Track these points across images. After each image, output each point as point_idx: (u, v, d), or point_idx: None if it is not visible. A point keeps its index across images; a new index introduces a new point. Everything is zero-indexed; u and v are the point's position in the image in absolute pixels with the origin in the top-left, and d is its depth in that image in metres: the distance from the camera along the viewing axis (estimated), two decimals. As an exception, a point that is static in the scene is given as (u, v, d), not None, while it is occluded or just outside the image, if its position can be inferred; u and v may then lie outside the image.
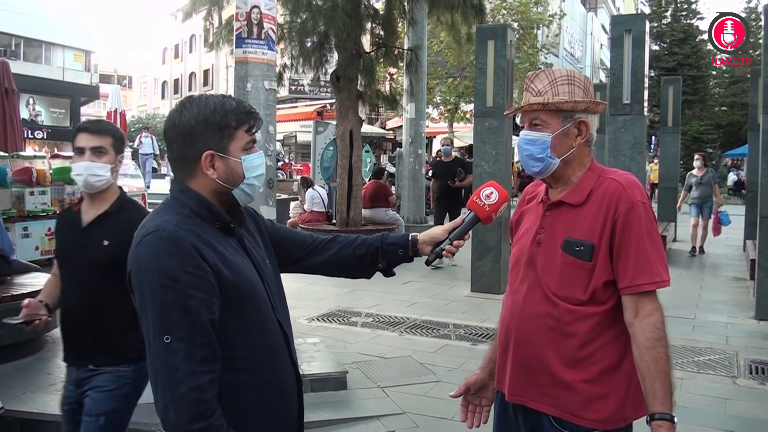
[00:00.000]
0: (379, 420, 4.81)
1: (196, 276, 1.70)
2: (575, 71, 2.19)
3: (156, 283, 1.68)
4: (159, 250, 1.70)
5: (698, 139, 40.58)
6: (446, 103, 27.24)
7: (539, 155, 2.12)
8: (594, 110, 2.15)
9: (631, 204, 2.03)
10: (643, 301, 2.02)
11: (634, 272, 2.01)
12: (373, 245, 2.20)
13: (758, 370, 5.94)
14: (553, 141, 2.11)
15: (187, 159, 1.84)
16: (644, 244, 2.02)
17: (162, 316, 1.68)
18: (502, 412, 2.29)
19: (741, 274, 10.65)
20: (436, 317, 7.60)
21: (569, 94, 2.10)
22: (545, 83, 2.12)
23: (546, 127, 2.12)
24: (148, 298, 1.70)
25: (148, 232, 1.74)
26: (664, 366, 1.98)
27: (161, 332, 1.67)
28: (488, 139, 9.12)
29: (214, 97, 1.87)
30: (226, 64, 47.12)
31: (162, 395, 1.67)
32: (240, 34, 5.34)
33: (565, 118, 2.11)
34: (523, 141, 2.17)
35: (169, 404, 1.65)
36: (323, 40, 11.92)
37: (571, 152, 2.13)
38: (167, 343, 1.66)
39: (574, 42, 45.77)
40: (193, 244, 1.72)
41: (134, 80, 69.92)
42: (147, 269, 1.70)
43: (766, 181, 7.74)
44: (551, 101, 2.10)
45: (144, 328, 1.72)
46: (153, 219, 1.81)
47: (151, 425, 4.48)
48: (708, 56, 51.55)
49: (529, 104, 2.13)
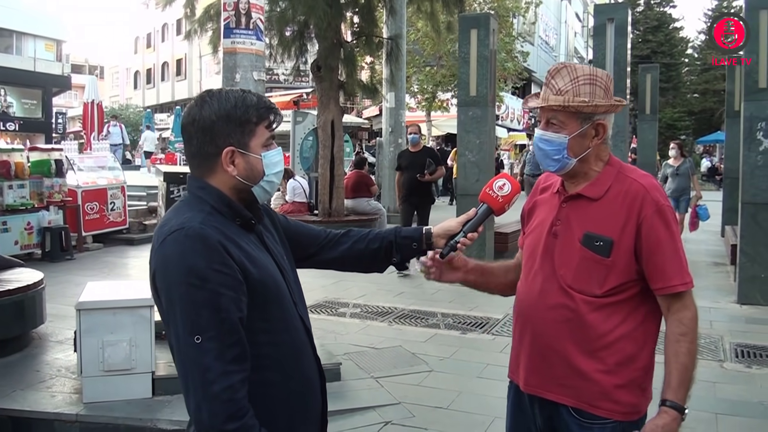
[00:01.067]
0: (375, 410, 4.81)
1: (224, 274, 1.67)
2: (598, 69, 2.14)
3: (184, 282, 1.65)
4: (186, 248, 1.67)
5: (672, 126, 41.03)
6: (423, 92, 27.20)
7: (556, 156, 2.11)
8: (614, 111, 2.14)
9: (657, 207, 2.04)
10: (674, 300, 2.06)
11: (668, 274, 2.04)
12: (387, 239, 2.19)
13: (744, 353, 6.04)
14: (570, 142, 2.09)
15: (207, 155, 1.81)
16: (675, 246, 2.06)
17: (192, 316, 1.65)
18: (517, 402, 2.28)
19: (720, 260, 10.79)
20: (424, 307, 7.62)
21: (590, 95, 2.06)
22: (566, 81, 2.08)
23: (563, 128, 2.09)
24: (177, 298, 1.67)
25: (172, 230, 1.70)
26: (684, 359, 2.02)
27: (192, 332, 1.64)
28: (472, 128, 9.14)
29: (234, 92, 1.83)
30: (200, 53, 46.62)
31: (194, 396, 1.64)
32: (228, 24, 5.28)
33: (584, 120, 2.09)
34: (539, 140, 2.15)
35: (202, 405, 1.63)
36: (303, 29, 11.84)
37: (587, 152, 2.12)
38: (198, 343, 1.63)
39: (549, 30, 45.92)
40: (219, 241, 1.69)
41: (106, 70, 68.97)
42: (174, 268, 1.67)
43: (747, 168, 7.84)
44: (571, 103, 2.06)
45: (171, 328, 1.70)
46: (174, 217, 1.77)
47: (146, 420, 4.46)
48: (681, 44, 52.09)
49: (549, 105, 2.09)
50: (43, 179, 10.27)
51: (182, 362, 1.68)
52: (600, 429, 2.07)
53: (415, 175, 9.76)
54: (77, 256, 10.70)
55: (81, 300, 4.70)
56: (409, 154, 10.25)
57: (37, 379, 5.10)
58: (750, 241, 7.82)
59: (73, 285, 8.24)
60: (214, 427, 1.62)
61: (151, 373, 4.78)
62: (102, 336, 4.61)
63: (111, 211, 11.77)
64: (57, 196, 10.45)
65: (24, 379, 5.09)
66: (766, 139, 7.71)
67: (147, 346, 4.74)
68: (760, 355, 5.98)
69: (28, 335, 5.89)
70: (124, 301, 4.78)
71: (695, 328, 2.06)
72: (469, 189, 9.07)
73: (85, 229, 11.29)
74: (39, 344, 5.90)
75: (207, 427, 1.64)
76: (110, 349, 4.62)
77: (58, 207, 10.49)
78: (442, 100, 27.76)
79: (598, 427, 2.07)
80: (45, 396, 4.77)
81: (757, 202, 7.78)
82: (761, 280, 7.73)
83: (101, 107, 18.10)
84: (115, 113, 30.33)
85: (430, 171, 9.79)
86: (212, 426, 1.62)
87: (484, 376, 5.43)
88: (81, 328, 4.60)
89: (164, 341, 5.36)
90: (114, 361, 4.63)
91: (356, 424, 4.59)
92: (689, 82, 52.28)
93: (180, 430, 4.40)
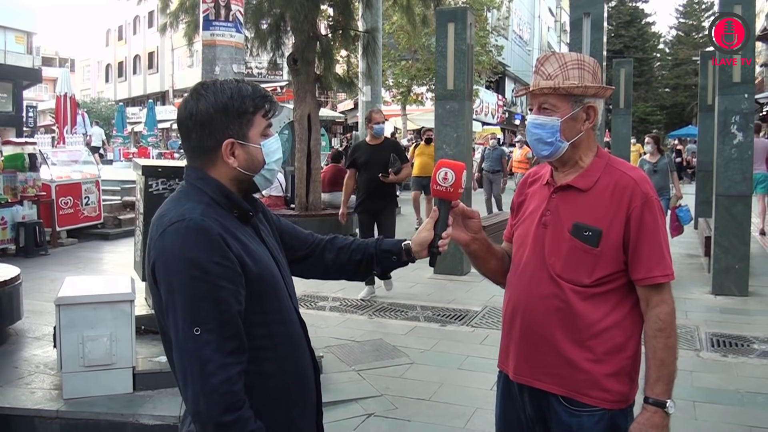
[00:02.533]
0: (358, 403, 4.83)
1: (224, 267, 1.68)
2: (584, 56, 2.20)
3: (185, 274, 1.65)
4: (186, 240, 1.67)
5: (644, 120, 41.49)
6: (399, 86, 27.22)
7: (549, 139, 2.15)
8: (602, 95, 2.18)
9: (645, 199, 2.08)
10: (653, 292, 2.09)
11: (649, 265, 2.07)
12: (368, 251, 2.19)
13: (719, 342, 6.14)
14: (562, 125, 2.13)
15: (206, 149, 1.81)
16: (659, 237, 2.10)
17: (192, 308, 1.65)
18: (506, 392, 2.31)
19: (694, 251, 10.94)
20: (403, 300, 7.64)
21: (579, 79, 2.12)
22: (555, 67, 2.14)
23: (555, 111, 2.14)
24: (177, 290, 1.67)
25: (173, 222, 1.70)
26: (662, 355, 2.06)
27: (191, 324, 1.64)
28: (449, 122, 9.16)
29: (229, 83, 1.83)
30: (172, 46, 46.23)
31: (192, 387, 1.65)
32: (207, 16, 5.24)
33: (575, 103, 2.14)
34: (532, 125, 2.19)
35: (200, 396, 1.64)
36: (279, 22, 11.77)
37: (579, 136, 2.16)
38: (197, 335, 1.64)
39: (522, 24, 46.15)
40: (220, 234, 1.70)
41: (77, 63, 68.11)
42: (175, 260, 1.67)
43: (721, 161, 7.95)
44: (562, 85, 2.11)
45: (170, 320, 1.70)
46: (173, 207, 1.76)
47: (127, 416, 4.43)
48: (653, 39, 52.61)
49: (540, 88, 2.14)
50: (16, 173, 10.13)
51: (180, 353, 1.68)
52: (589, 417, 2.10)
53: (377, 174, 7.70)
54: (51, 251, 10.58)
55: (60, 295, 4.65)
56: (368, 147, 7.99)
57: (16, 375, 5.04)
58: (724, 233, 7.95)
59: (48, 280, 8.16)
60: (211, 419, 1.63)
61: (132, 368, 4.75)
62: (82, 331, 4.57)
63: (85, 205, 11.64)
64: (31, 190, 10.31)
65: (2, 376, 5.03)
66: (740, 133, 7.83)
67: (127, 341, 4.70)
68: (736, 345, 6.09)
69: (5, 331, 5.82)
70: (104, 296, 4.74)
71: (672, 323, 2.09)
72: (447, 183, 9.08)
73: (60, 224, 11.16)
74: (16, 340, 5.83)
75: (204, 419, 1.64)
76: (90, 345, 4.58)
77: (32, 202, 10.36)
78: (417, 94, 27.81)
79: (587, 414, 2.10)
80: (24, 392, 4.72)
81: (731, 194, 7.90)
82: (735, 271, 7.86)
83: (74, 100, 17.86)
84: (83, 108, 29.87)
85: (395, 170, 7.76)
86: (210, 418, 1.63)
87: (464, 367, 5.46)
88: (61, 323, 4.55)
89: (145, 336, 5.35)
90: (94, 357, 4.59)
91: (339, 417, 4.60)
92: (661, 76, 52.95)
93: (162, 425, 4.39)
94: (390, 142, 8.34)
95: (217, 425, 1.63)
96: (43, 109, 49.22)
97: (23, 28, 34.85)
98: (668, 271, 2.09)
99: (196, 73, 5.68)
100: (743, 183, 7.90)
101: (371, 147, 7.94)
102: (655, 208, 2.10)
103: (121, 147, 31.60)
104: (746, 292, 7.84)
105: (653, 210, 2.09)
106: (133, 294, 4.79)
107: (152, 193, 5.91)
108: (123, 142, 32.84)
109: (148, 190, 5.95)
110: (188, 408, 1.68)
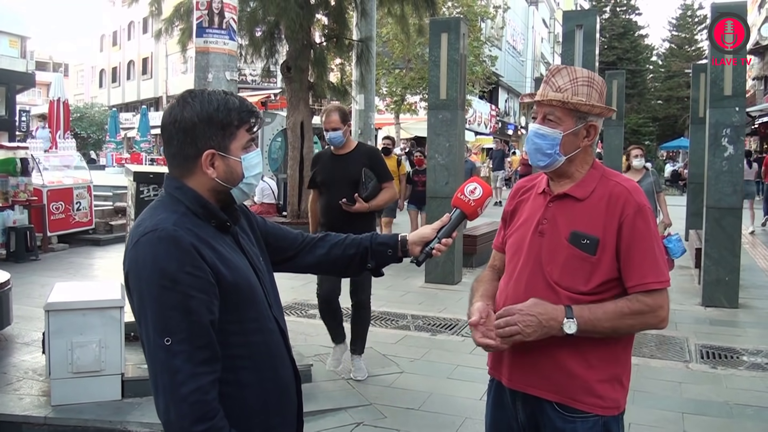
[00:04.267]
0: (347, 412, 4.81)
1: (196, 277, 1.67)
2: (594, 74, 2.23)
3: (156, 284, 1.65)
4: (158, 250, 1.67)
5: (637, 132, 41.69)
6: (392, 95, 27.28)
7: (548, 151, 2.18)
8: (605, 115, 2.22)
9: (638, 207, 2.10)
10: (648, 299, 2.08)
11: (644, 272, 2.08)
12: (363, 245, 2.20)
13: (709, 354, 6.16)
14: (563, 139, 2.17)
15: (186, 156, 1.81)
16: (652, 245, 2.11)
17: (162, 318, 1.64)
18: (498, 399, 2.31)
19: (684, 263, 10.95)
20: (394, 308, 7.64)
21: (587, 96, 2.16)
22: (566, 80, 2.17)
23: (559, 124, 2.17)
24: (148, 300, 1.66)
25: (146, 232, 1.70)
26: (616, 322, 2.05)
27: (162, 334, 1.64)
28: (442, 131, 9.19)
29: (216, 94, 1.83)
30: (166, 52, 46.17)
31: (163, 397, 1.64)
32: (201, 23, 5.24)
33: (579, 119, 2.17)
34: (533, 134, 2.21)
35: (170, 406, 1.63)
36: (273, 29, 11.81)
37: (576, 152, 2.19)
38: (168, 345, 1.63)
39: (516, 35, 46.34)
40: (192, 243, 1.69)
41: (71, 68, 67.98)
42: (146, 270, 1.67)
43: (712, 173, 8.00)
44: (571, 100, 2.14)
45: (143, 330, 1.69)
46: (149, 218, 1.77)
47: (115, 423, 4.41)
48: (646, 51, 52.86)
49: (548, 99, 2.16)
50: (8, 178, 10.08)
51: (152, 363, 1.67)
52: (582, 422, 2.11)
53: (338, 198, 5.27)
54: (42, 256, 10.53)
55: (50, 301, 4.63)
56: (330, 159, 5.56)
57: (4, 381, 5.01)
58: (714, 245, 7.99)
59: (38, 286, 8.13)
60: (182, 429, 1.62)
61: (121, 375, 4.73)
62: (71, 337, 4.55)
63: (77, 211, 11.60)
64: (22, 195, 10.26)
65: (-11, 381, 5.00)
66: (730, 145, 7.88)
67: (116, 348, 4.69)
68: (725, 356, 6.11)
69: (-6, 337, 5.80)
70: (93, 302, 4.72)
71: (654, 323, 2.10)
72: (439, 192, 9.13)
73: (51, 229, 11.11)
74: (5, 346, 5.80)
75: (175, 429, 1.63)
76: (79, 351, 4.56)
77: (23, 206, 10.32)
78: (410, 103, 27.86)
79: (580, 420, 2.11)
80: (12, 398, 4.69)
81: (722, 206, 7.94)
82: (725, 283, 7.90)
83: (67, 105, 17.81)
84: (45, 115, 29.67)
85: (366, 193, 5.30)
86: (181, 428, 1.62)
87: (454, 377, 5.46)
88: (50, 329, 4.54)
89: (134, 343, 5.33)
90: (83, 363, 4.57)
91: (328, 425, 4.58)
92: (653, 88, 53.22)
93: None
94: (364, 150, 5.61)
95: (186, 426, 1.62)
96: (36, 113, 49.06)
97: (17, 32, 34.72)
98: (662, 277, 2.09)
99: (190, 79, 5.67)
100: (734, 195, 7.94)
101: (334, 159, 5.51)
102: (648, 217, 2.12)
103: (113, 152, 31.51)
104: (736, 304, 7.87)
105: (646, 218, 2.11)
106: (122, 300, 4.77)
107: (143, 199, 5.89)
108: (116, 148, 32.75)
109: (140, 197, 5.93)
110: (160, 417, 1.67)
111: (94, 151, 45.37)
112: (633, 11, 53.30)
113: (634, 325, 2.09)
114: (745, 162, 12.16)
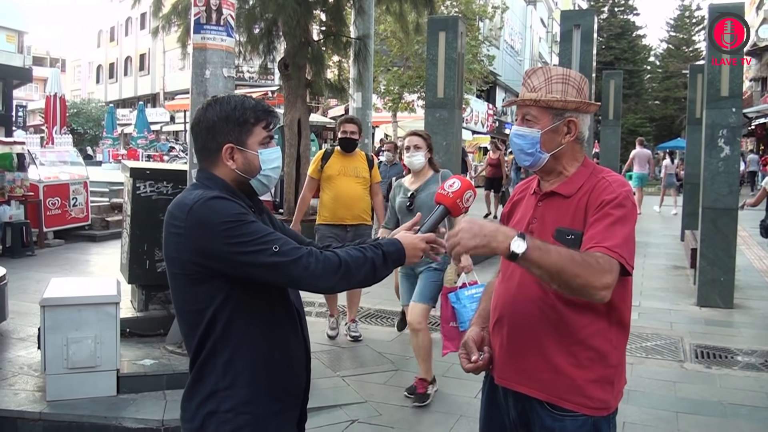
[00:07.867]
0: (342, 409, 4.82)
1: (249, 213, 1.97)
2: (571, 71, 2.25)
3: (229, 229, 1.89)
4: (215, 206, 1.91)
5: (634, 132, 41.64)
6: (390, 93, 27.24)
7: (529, 150, 2.21)
8: (585, 110, 2.22)
9: (616, 195, 2.08)
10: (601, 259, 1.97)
11: (605, 235, 2.01)
12: None
13: (703, 354, 6.18)
14: (542, 137, 2.19)
15: (210, 150, 2.07)
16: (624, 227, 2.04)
17: (255, 241, 1.90)
18: (491, 395, 2.33)
19: (680, 263, 11.00)
20: (389, 306, 7.62)
21: (562, 93, 2.18)
22: (541, 80, 2.20)
23: (536, 123, 2.20)
24: (231, 245, 1.89)
25: (196, 200, 1.93)
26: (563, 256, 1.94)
27: (266, 248, 1.90)
28: (439, 130, 9.18)
29: (236, 97, 2.09)
30: (164, 48, 46.11)
31: (307, 284, 1.95)
32: (198, 19, 5.23)
33: (555, 116, 2.18)
34: (514, 135, 2.25)
35: (313, 282, 1.94)
36: (271, 26, 11.78)
37: (560, 148, 2.21)
38: (276, 251, 1.90)
39: (514, 34, 46.34)
40: (239, 204, 1.97)
41: (68, 63, 67.84)
42: (214, 224, 1.89)
43: (708, 174, 8.01)
44: (543, 99, 2.17)
45: (239, 271, 1.92)
46: (188, 194, 1.99)
47: (110, 419, 4.41)
48: (644, 51, 52.84)
49: (522, 99, 2.21)
50: (4, 173, 10.07)
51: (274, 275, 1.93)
52: (572, 421, 2.11)
53: None
54: (38, 252, 10.53)
55: (45, 296, 4.63)
56: None
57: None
58: (710, 245, 8.00)
59: (34, 281, 8.12)
60: (330, 288, 2.02)
61: (116, 371, 4.73)
62: (66, 333, 4.55)
63: (73, 206, 11.58)
64: (18, 190, 10.26)
65: (-16, 376, 5.00)
66: (727, 146, 7.90)
67: (112, 344, 4.69)
68: (720, 356, 6.13)
69: (-12, 332, 5.79)
70: (89, 298, 4.72)
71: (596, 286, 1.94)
72: (436, 191, 9.13)
73: (47, 224, 11.10)
74: (0, 341, 5.79)
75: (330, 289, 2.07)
76: (75, 347, 4.56)
77: (19, 202, 10.31)
78: (408, 102, 27.83)
79: (569, 419, 2.11)
80: (7, 394, 4.69)
81: (718, 207, 7.96)
82: (720, 283, 7.92)
83: (64, 101, 17.79)
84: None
85: None
86: (329, 288, 2.02)
87: (449, 375, 5.46)
88: (45, 324, 4.54)
89: (129, 339, 5.33)
90: (78, 359, 4.57)
91: (323, 423, 4.59)
92: (651, 89, 53.21)
93: (145, 428, 4.37)
94: None
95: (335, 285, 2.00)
96: (33, 108, 48.94)
97: (14, 27, 34.67)
98: (624, 253, 1.98)
99: (187, 75, 5.66)
100: (730, 196, 7.96)
101: None
102: (626, 206, 2.06)
103: (110, 149, 31.49)
104: (731, 305, 7.89)
105: (621, 203, 2.06)
106: (118, 296, 4.77)
107: (140, 195, 5.88)
108: (112, 144, 32.73)
109: (136, 193, 5.91)
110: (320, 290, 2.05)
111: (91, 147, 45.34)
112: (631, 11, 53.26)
113: (578, 275, 1.92)
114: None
